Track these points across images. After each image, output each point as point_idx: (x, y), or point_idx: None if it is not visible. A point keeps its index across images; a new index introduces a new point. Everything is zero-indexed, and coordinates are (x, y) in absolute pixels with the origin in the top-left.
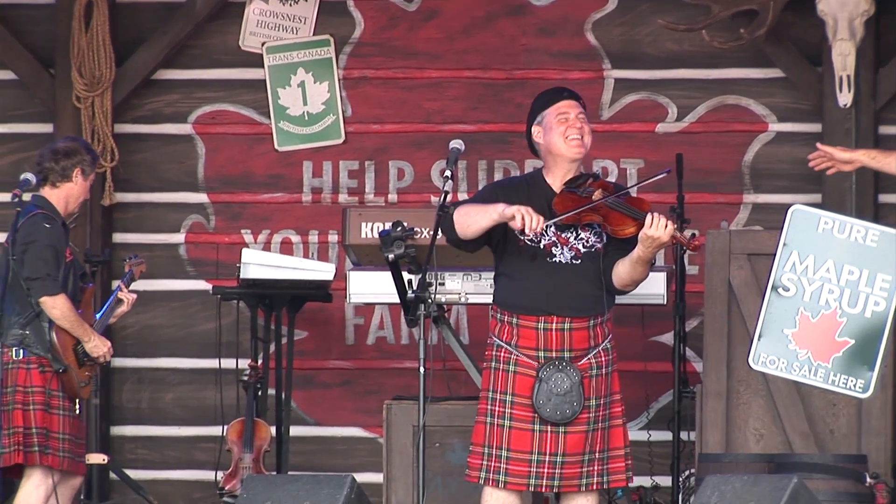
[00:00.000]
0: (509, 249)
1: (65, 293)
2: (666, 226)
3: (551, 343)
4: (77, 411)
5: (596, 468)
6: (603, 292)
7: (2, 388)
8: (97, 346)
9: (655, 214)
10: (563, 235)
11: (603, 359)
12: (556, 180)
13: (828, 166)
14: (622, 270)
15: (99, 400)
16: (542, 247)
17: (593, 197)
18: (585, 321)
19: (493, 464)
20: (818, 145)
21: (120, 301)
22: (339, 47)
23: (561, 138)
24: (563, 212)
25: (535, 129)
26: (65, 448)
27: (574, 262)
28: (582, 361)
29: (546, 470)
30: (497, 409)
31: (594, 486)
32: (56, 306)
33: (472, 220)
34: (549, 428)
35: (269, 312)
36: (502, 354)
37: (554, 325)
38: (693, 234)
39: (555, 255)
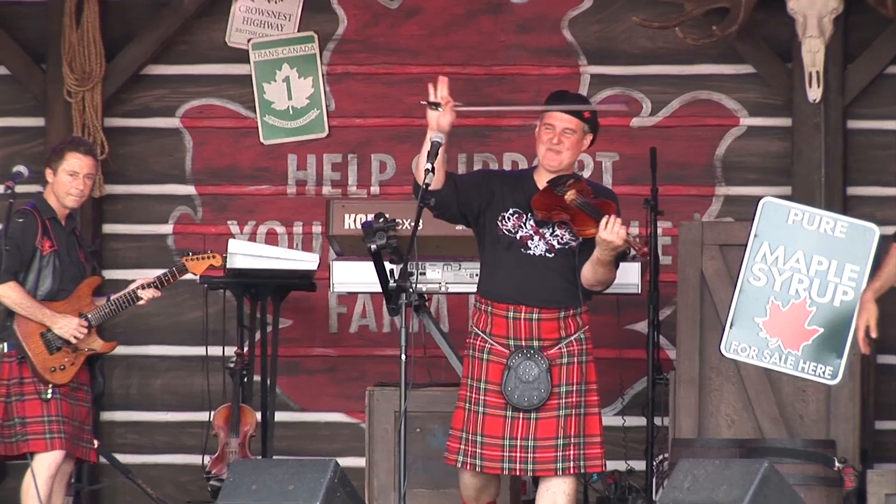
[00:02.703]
0: (488, 238)
1: (16, 280)
2: (619, 231)
3: (520, 332)
4: (48, 395)
5: (572, 453)
6: (575, 287)
7: None
8: (63, 328)
9: (612, 218)
10: (539, 229)
11: (575, 348)
12: (541, 179)
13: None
14: (586, 270)
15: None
16: (518, 238)
17: (566, 197)
18: (555, 312)
19: (469, 448)
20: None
21: (138, 297)
22: (323, 44)
23: (543, 147)
24: (537, 207)
25: (537, 126)
26: (52, 430)
27: (547, 255)
28: (551, 350)
29: (518, 454)
30: (473, 395)
31: (570, 471)
32: (4, 294)
33: (419, 160)
34: (520, 414)
35: (255, 301)
36: (478, 343)
37: (523, 314)
38: (646, 241)
39: (529, 248)
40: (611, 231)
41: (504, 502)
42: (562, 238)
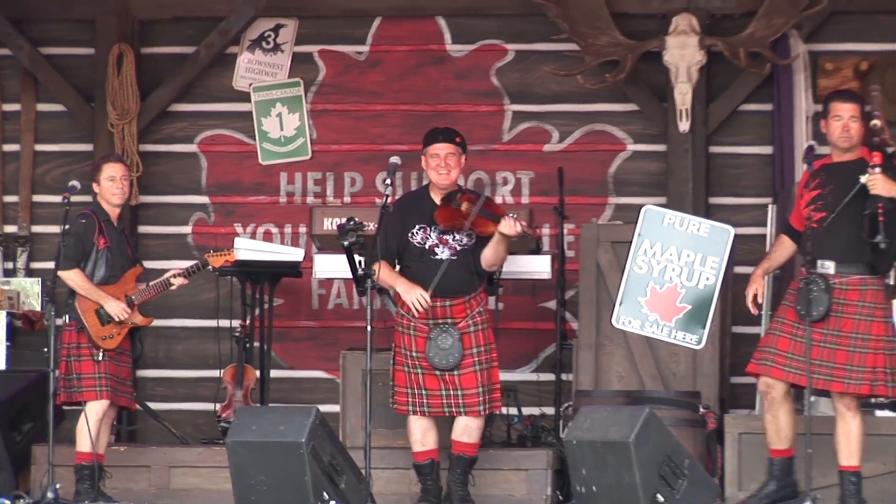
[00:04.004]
0: (407, 251)
1: (78, 268)
2: (516, 225)
3: (437, 315)
4: (99, 357)
5: (486, 398)
6: (475, 276)
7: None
8: (112, 307)
9: (508, 217)
10: (443, 238)
11: (478, 319)
12: (436, 195)
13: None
14: (488, 254)
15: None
16: (427, 247)
17: (462, 209)
18: (461, 298)
19: (417, 399)
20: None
21: (170, 283)
22: (307, 87)
23: (434, 172)
24: (441, 221)
25: (422, 158)
26: (101, 384)
27: (452, 258)
28: (461, 324)
29: (453, 401)
30: (409, 361)
31: (487, 411)
32: (69, 278)
33: (384, 280)
34: (446, 372)
35: (255, 285)
36: (405, 322)
37: (438, 303)
38: (535, 227)
39: (437, 253)
40: (510, 227)
41: (442, 440)
42: (461, 241)
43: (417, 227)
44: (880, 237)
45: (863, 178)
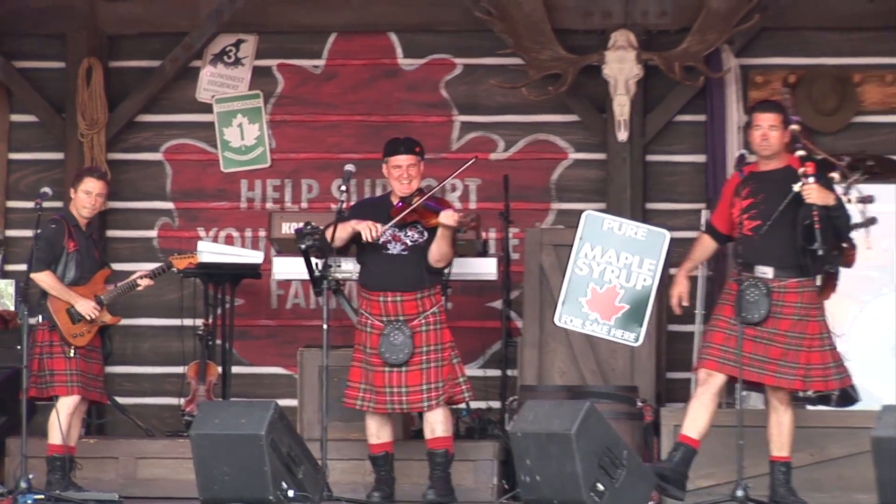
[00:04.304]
0: (362, 247)
1: (49, 270)
2: (453, 216)
3: (389, 310)
4: (71, 354)
5: (433, 394)
6: (425, 273)
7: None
8: (82, 306)
9: (448, 210)
10: (396, 234)
11: (431, 320)
12: (396, 199)
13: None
14: (433, 249)
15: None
16: (380, 243)
17: (412, 200)
18: (413, 294)
19: (365, 395)
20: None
21: (137, 284)
22: (266, 99)
23: (396, 182)
24: (394, 213)
25: (383, 166)
26: (73, 380)
27: (403, 253)
28: (413, 322)
29: (396, 398)
30: (363, 357)
31: (434, 406)
32: (41, 279)
33: (338, 235)
34: (394, 369)
35: (217, 286)
36: (363, 319)
37: (390, 298)
38: (472, 219)
39: (389, 249)
40: (448, 217)
41: (398, 434)
42: (413, 238)
43: (387, 228)
44: (818, 244)
45: (796, 187)
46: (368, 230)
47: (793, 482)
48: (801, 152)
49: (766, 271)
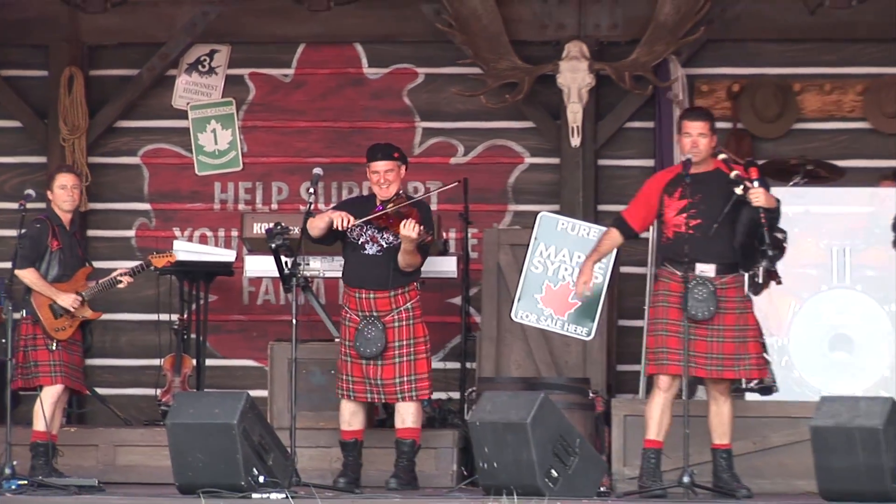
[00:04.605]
0: (344, 245)
1: (33, 268)
2: (414, 229)
3: (365, 306)
4: (54, 347)
5: (406, 387)
6: (397, 273)
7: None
8: (64, 301)
9: (409, 221)
10: (374, 235)
11: (404, 315)
12: (378, 201)
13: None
14: (399, 257)
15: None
16: (359, 243)
17: (387, 207)
18: (386, 292)
19: (346, 385)
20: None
21: (117, 281)
22: (239, 106)
23: (376, 186)
24: (375, 220)
25: (367, 170)
26: (56, 370)
27: (378, 254)
28: (387, 317)
29: (374, 389)
30: (344, 350)
31: (407, 399)
32: (25, 276)
33: (315, 224)
34: (371, 362)
35: (192, 283)
36: (343, 313)
37: (364, 294)
38: (430, 233)
39: (366, 249)
40: (407, 229)
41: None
42: (388, 240)
43: (358, 223)
44: (767, 244)
45: (738, 190)
46: (340, 219)
47: (735, 468)
48: (722, 156)
49: (708, 269)
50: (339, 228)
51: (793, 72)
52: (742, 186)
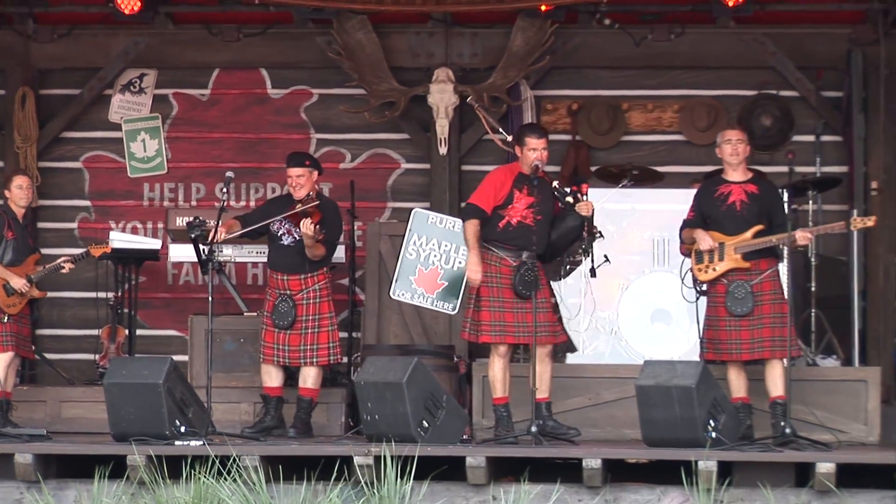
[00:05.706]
0: (269, 234)
1: None
2: (309, 227)
3: (281, 286)
4: (5, 320)
5: (308, 354)
6: (305, 260)
7: None
8: (16, 283)
9: (307, 220)
10: (290, 229)
11: (312, 295)
12: (295, 201)
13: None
14: (305, 249)
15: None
16: (278, 235)
17: (297, 207)
18: (297, 276)
19: (267, 351)
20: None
21: (62, 266)
22: (164, 120)
23: (290, 188)
24: (290, 217)
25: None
26: (8, 340)
27: (291, 244)
28: (297, 296)
29: (283, 353)
30: (266, 320)
31: (309, 363)
32: None
33: (231, 230)
34: (283, 331)
35: (125, 267)
36: (266, 290)
37: (280, 276)
38: (322, 232)
39: (283, 240)
40: (304, 227)
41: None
42: (300, 233)
43: (277, 217)
44: (586, 243)
45: (570, 199)
46: (220, 232)
47: (555, 417)
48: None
49: (529, 255)
50: (217, 241)
51: (622, 93)
52: (573, 197)
